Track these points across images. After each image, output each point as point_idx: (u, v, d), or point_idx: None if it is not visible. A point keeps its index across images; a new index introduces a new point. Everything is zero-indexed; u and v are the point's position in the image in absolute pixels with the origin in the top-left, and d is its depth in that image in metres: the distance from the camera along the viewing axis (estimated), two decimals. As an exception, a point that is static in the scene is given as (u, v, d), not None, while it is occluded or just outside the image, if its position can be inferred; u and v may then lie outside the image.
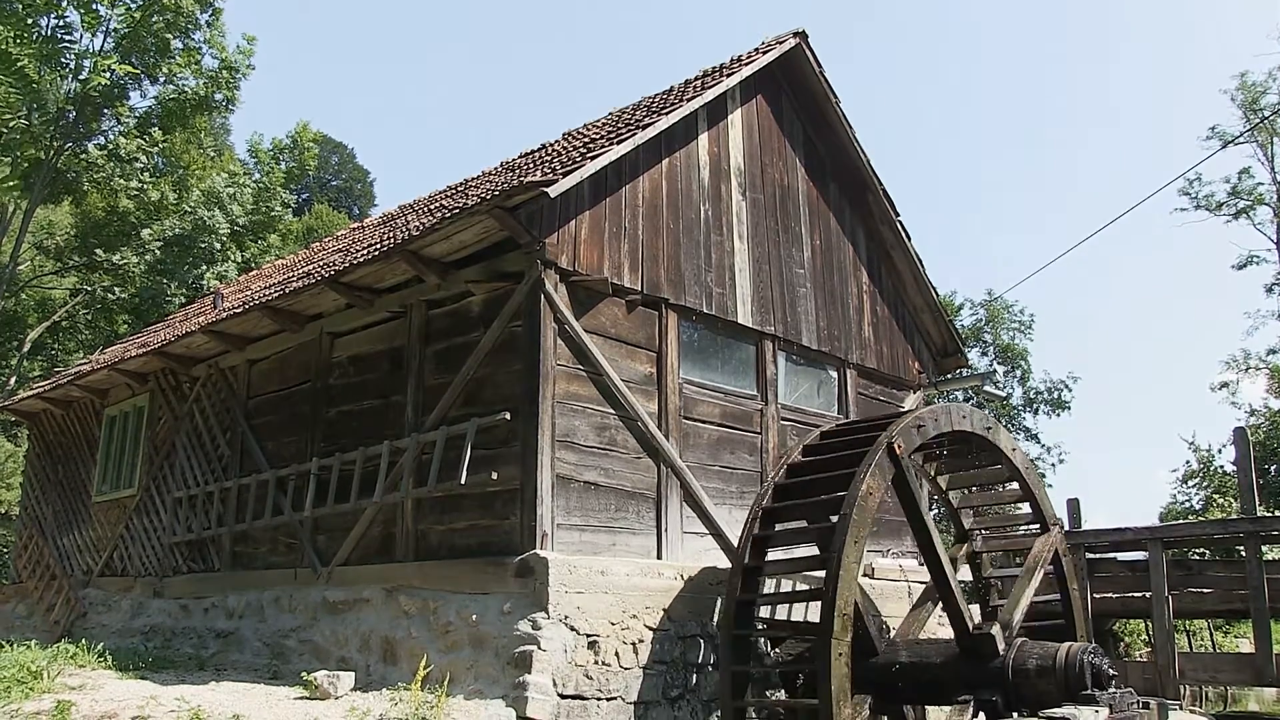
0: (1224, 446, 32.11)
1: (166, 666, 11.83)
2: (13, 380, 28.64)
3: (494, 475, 9.80)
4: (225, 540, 13.51)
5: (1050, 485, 11.89)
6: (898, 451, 9.38)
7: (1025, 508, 11.76)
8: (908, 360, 14.97)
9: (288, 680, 10.47)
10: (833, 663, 8.47)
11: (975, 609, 12.24)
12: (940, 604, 10.68)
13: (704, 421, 11.49)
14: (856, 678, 8.85)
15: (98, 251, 27.64)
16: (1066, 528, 15.60)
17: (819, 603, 8.97)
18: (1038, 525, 11.41)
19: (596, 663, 9.30)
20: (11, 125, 23.51)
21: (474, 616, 9.61)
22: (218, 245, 27.24)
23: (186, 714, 8.62)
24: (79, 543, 17.04)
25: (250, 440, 13.50)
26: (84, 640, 12.49)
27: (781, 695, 10.38)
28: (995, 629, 9.58)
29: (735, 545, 10.27)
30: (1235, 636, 27.75)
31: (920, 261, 14.81)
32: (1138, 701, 9.38)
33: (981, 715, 9.40)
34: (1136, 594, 16.67)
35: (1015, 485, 11.61)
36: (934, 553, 9.84)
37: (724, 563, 10.62)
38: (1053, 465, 38.27)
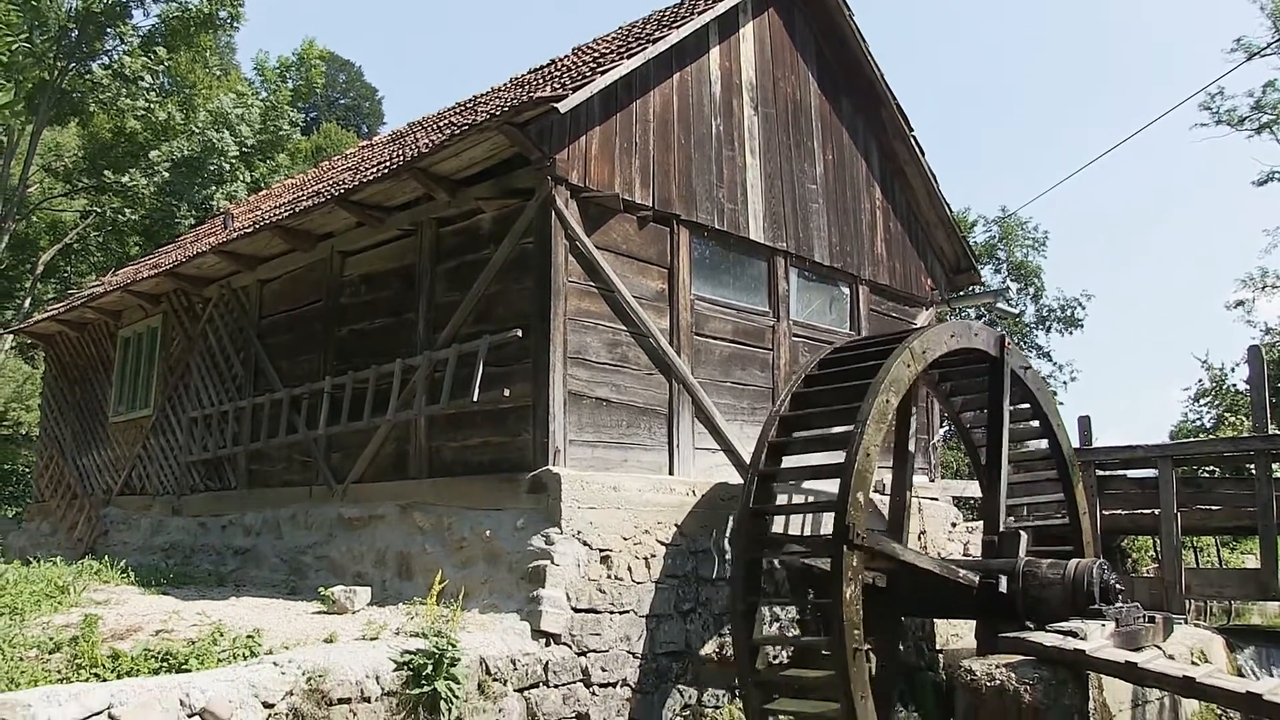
0: (1237, 365, 31.98)
1: (187, 582, 12.03)
2: (27, 303, 28.75)
3: (506, 392, 9.85)
4: (241, 459, 13.64)
5: (1062, 403, 12.01)
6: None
7: (1035, 424, 11.79)
8: (920, 277, 14.90)
9: (305, 595, 10.65)
10: (844, 577, 8.57)
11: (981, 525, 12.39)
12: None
13: (716, 338, 11.49)
14: (866, 591, 8.96)
15: (106, 173, 27.54)
16: (1077, 446, 15.63)
17: (831, 515, 9.08)
18: (1046, 440, 11.45)
19: (609, 577, 9.42)
20: (14, 47, 23.27)
21: (488, 532, 9.73)
22: (226, 166, 27.11)
23: (208, 628, 8.77)
24: (98, 462, 17.23)
25: (263, 359, 13.56)
26: (106, 557, 12.71)
27: (793, 610, 10.52)
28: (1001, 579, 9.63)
29: (747, 461, 10.33)
30: (1241, 553, 27.91)
31: (934, 177, 14.67)
32: (1144, 616, 9.48)
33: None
34: (1145, 511, 16.73)
35: (1025, 403, 11.62)
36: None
37: (735, 479, 10.69)
38: (1064, 383, 38.26)
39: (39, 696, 6.33)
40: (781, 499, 10.40)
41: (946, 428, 16.79)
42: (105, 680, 7.21)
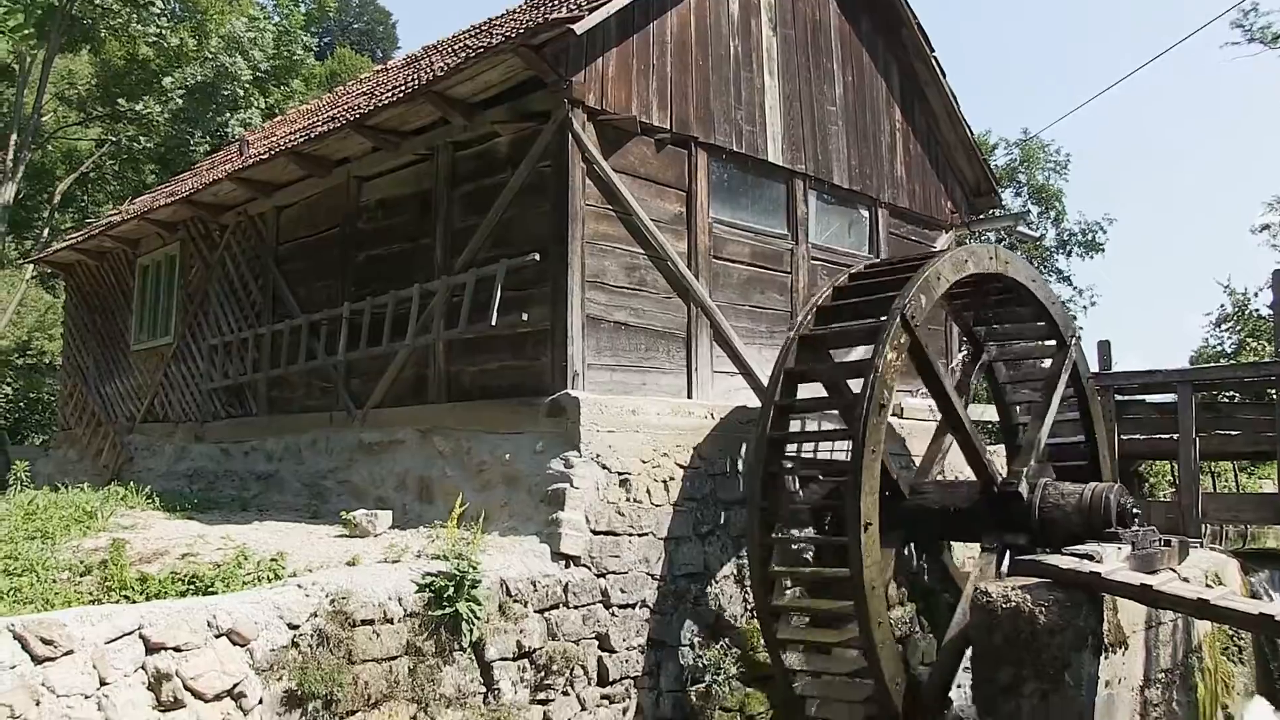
0: (1260, 290, 31.61)
1: (211, 507, 12.18)
2: (46, 233, 28.78)
3: (524, 316, 9.85)
4: (262, 385, 13.72)
5: (1081, 328, 11.85)
6: (911, 319, 9.30)
7: (1053, 344, 11.73)
8: (940, 200, 14.75)
9: (327, 519, 10.77)
10: (861, 501, 8.61)
11: (1001, 449, 12.41)
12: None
13: (734, 261, 11.44)
14: (883, 516, 9.01)
15: (120, 101, 27.41)
16: (1096, 370, 15.58)
17: (848, 441, 9.10)
18: (1056, 343, 11.40)
19: (628, 500, 9.49)
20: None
21: (507, 456, 9.80)
22: (240, 92, 26.92)
23: (232, 551, 8.89)
24: (121, 390, 17.37)
25: (281, 286, 13.58)
26: (132, 483, 12.87)
27: (810, 533, 10.58)
28: (1020, 477, 9.64)
29: (765, 384, 10.33)
30: (1259, 478, 27.91)
31: (954, 98, 14.44)
32: (1160, 539, 9.50)
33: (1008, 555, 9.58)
34: (1164, 436, 16.74)
35: (1041, 323, 11.55)
36: (947, 400, 9.87)
37: (754, 402, 10.70)
38: (1084, 308, 37.87)
39: (73, 617, 6.46)
40: (798, 423, 10.42)
41: (964, 352, 16.75)
42: (135, 602, 7.34)
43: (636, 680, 9.25)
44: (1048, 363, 11.94)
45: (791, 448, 10.33)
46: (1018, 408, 12.18)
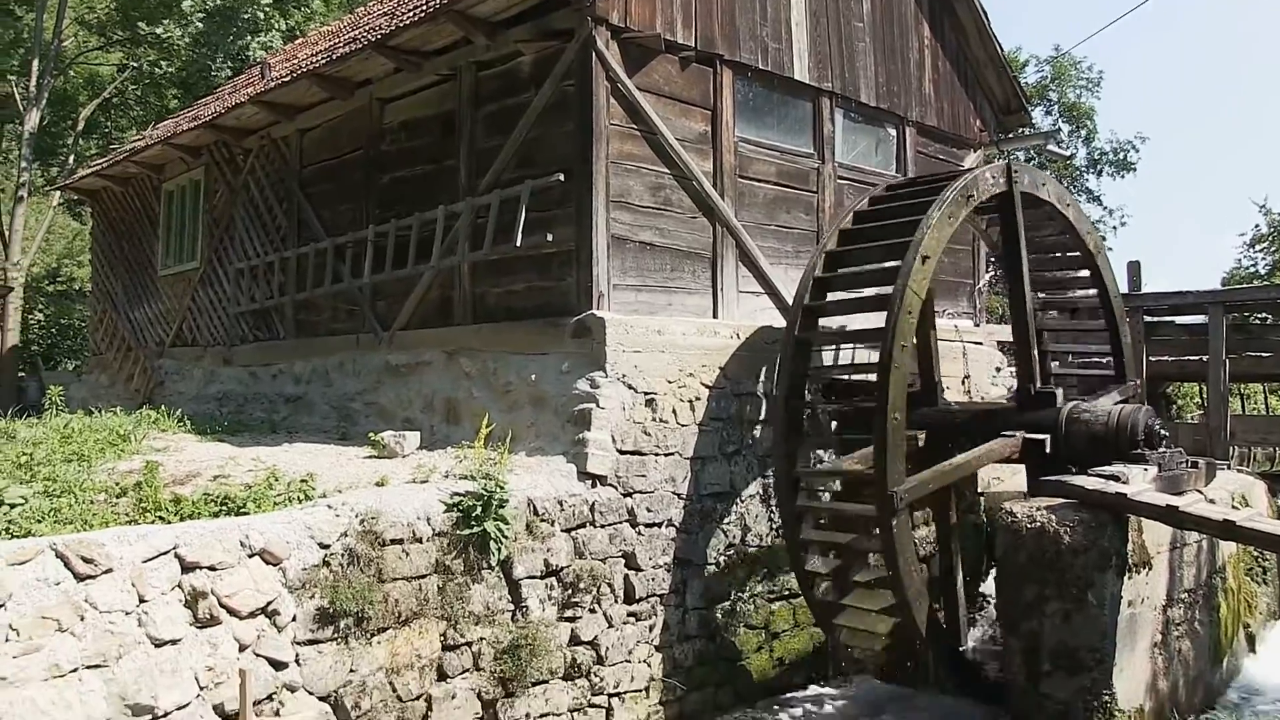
0: (1297, 210, 31.17)
1: (241, 430, 12.32)
2: (71, 159, 28.79)
3: (549, 237, 9.82)
4: (288, 309, 13.78)
5: (1111, 249, 11.72)
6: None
7: (1080, 265, 11.60)
8: (969, 118, 14.50)
9: (356, 441, 10.87)
10: (888, 419, 8.60)
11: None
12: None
13: (760, 181, 11.32)
14: (912, 423, 9.00)
15: (140, 25, 27.16)
16: (1125, 291, 15.44)
17: (875, 354, 9.08)
18: (1091, 279, 11.28)
19: (654, 420, 9.53)
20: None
21: (533, 377, 9.83)
22: (261, 14, 26.59)
23: (263, 472, 9.01)
24: (150, 315, 17.50)
25: (306, 210, 13.57)
26: (163, 407, 13.04)
27: (835, 453, 10.62)
28: (1056, 391, 9.61)
29: (791, 304, 10.29)
30: (1289, 400, 27.77)
31: (984, 13, 14.13)
32: (1187, 461, 9.47)
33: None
34: (1193, 357, 16.63)
35: (1070, 244, 11.42)
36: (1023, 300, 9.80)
37: (780, 322, 10.67)
38: (1114, 228, 37.38)
39: (111, 537, 6.60)
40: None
41: (992, 271, 16.64)
42: (169, 523, 7.46)
43: (663, 598, 9.37)
44: (1076, 283, 11.84)
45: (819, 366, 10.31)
46: (1043, 331, 12.08)
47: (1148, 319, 16.83)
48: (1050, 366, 11.35)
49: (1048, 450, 9.24)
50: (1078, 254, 11.23)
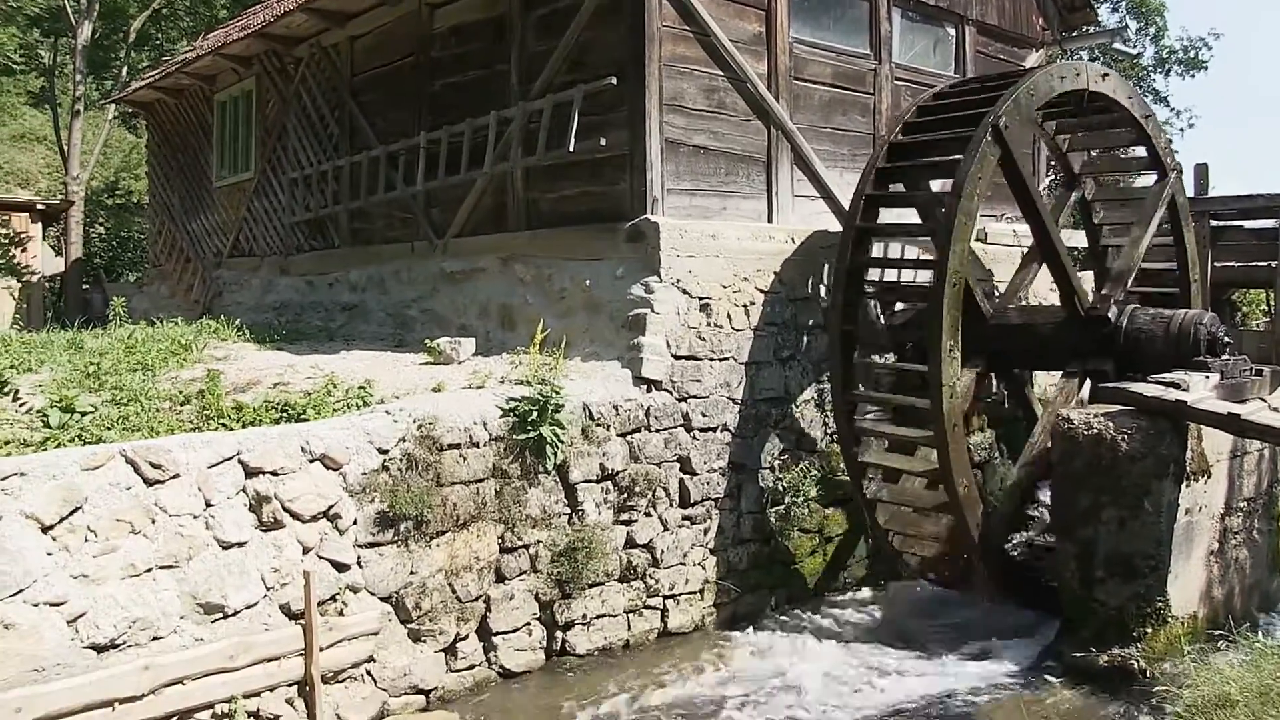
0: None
1: (299, 338, 12.47)
2: (124, 72, 28.86)
3: (602, 142, 9.74)
4: (343, 218, 13.84)
5: (1177, 152, 11.29)
6: (1003, 128, 8.96)
7: (1147, 166, 11.30)
8: (1031, 16, 14.04)
9: (412, 347, 10.97)
10: (943, 325, 8.52)
11: (1089, 275, 12.12)
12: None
13: (815, 82, 11.09)
14: (965, 342, 8.91)
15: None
16: (1192, 195, 15.06)
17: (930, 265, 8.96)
18: (1156, 173, 10.99)
19: (709, 325, 9.51)
20: None
21: (587, 282, 9.83)
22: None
23: (321, 379, 9.14)
24: (207, 226, 17.66)
25: (358, 118, 13.54)
26: (222, 316, 13.22)
27: (890, 358, 10.55)
28: (1108, 303, 9.41)
29: (846, 208, 10.16)
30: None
31: (1048, -97, 13.64)
32: (1250, 369, 9.28)
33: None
34: (1261, 263, 16.27)
35: (1137, 145, 11.12)
36: (1039, 219, 9.60)
37: (835, 226, 10.54)
38: (1181, 130, 36.27)
39: (177, 443, 6.76)
40: (881, 246, 10.27)
41: (1052, 175, 16.27)
42: (232, 429, 7.62)
43: (717, 502, 9.44)
44: (1141, 185, 11.56)
45: (873, 271, 10.20)
46: (1107, 230, 11.84)
47: (1214, 223, 16.44)
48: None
49: (1109, 372, 9.13)
50: (1144, 152, 10.95)
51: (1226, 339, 9.20)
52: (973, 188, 8.71)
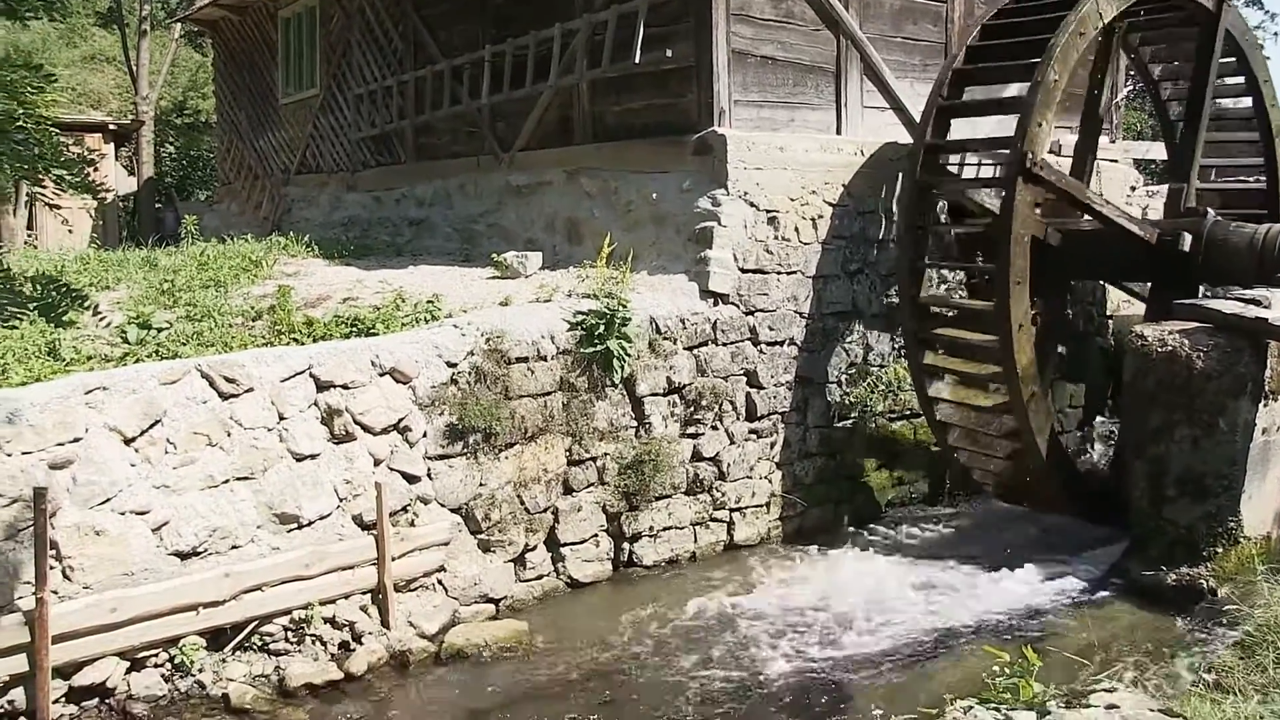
0: None
1: (367, 254, 12.57)
2: (189, -11, 28.92)
3: (668, 53, 9.61)
4: (408, 133, 13.82)
5: (1269, 58, 10.80)
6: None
7: (1234, 75, 10.88)
8: (1116, -85, 13.51)
9: (479, 262, 11.01)
10: (1012, 241, 8.34)
11: (1165, 189, 11.77)
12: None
13: (886, -10, 10.82)
14: (1035, 256, 8.69)
15: None
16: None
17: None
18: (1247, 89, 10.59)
19: (776, 238, 9.43)
20: None
21: (654, 195, 9.77)
22: None
23: (390, 294, 9.23)
24: (274, 144, 17.75)
25: (422, 32, 13.44)
26: (291, 233, 13.35)
27: (961, 274, 10.41)
28: (1181, 239, 9.09)
29: (917, 120, 9.95)
30: None
31: None
32: (1340, 287, 8.97)
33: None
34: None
35: (1224, 54, 10.69)
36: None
37: (905, 138, 10.34)
38: (1275, 34, 34.82)
39: (250, 358, 6.90)
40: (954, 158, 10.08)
41: (1131, 85, 15.73)
42: (303, 344, 7.75)
43: (784, 416, 9.45)
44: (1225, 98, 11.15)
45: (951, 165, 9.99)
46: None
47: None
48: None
49: (1187, 273, 8.88)
50: (1232, 61, 10.53)
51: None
52: (1063, 63, 8.44)
